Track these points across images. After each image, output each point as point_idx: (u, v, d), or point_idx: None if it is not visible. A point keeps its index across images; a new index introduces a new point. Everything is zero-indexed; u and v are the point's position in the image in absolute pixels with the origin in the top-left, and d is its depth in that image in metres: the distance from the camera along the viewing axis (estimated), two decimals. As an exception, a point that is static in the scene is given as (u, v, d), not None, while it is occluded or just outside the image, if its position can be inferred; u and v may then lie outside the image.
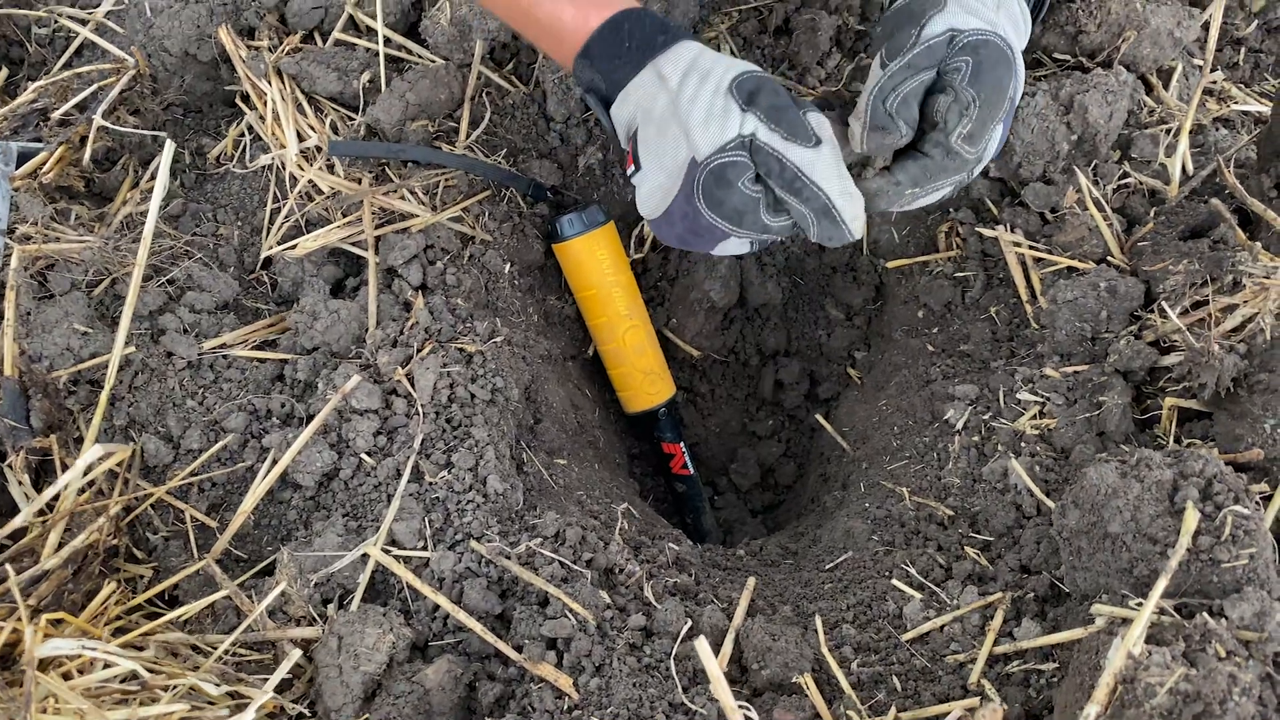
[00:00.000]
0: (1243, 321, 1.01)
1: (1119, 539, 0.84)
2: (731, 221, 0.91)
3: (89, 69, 1.28)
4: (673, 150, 0.92)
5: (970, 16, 0.91)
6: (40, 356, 1.03)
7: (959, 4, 0.92)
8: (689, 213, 0.93)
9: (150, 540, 1.02)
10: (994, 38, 0.90)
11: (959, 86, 0.90)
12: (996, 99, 0.91)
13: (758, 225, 0.91)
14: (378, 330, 1.13)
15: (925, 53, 0.90)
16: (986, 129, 0.92)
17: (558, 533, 1.00)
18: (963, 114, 0.90)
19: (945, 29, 0.90)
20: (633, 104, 0.95)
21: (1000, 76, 0.90)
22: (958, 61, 0.90)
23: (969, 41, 0.90)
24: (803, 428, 1.54)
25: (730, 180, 0.89)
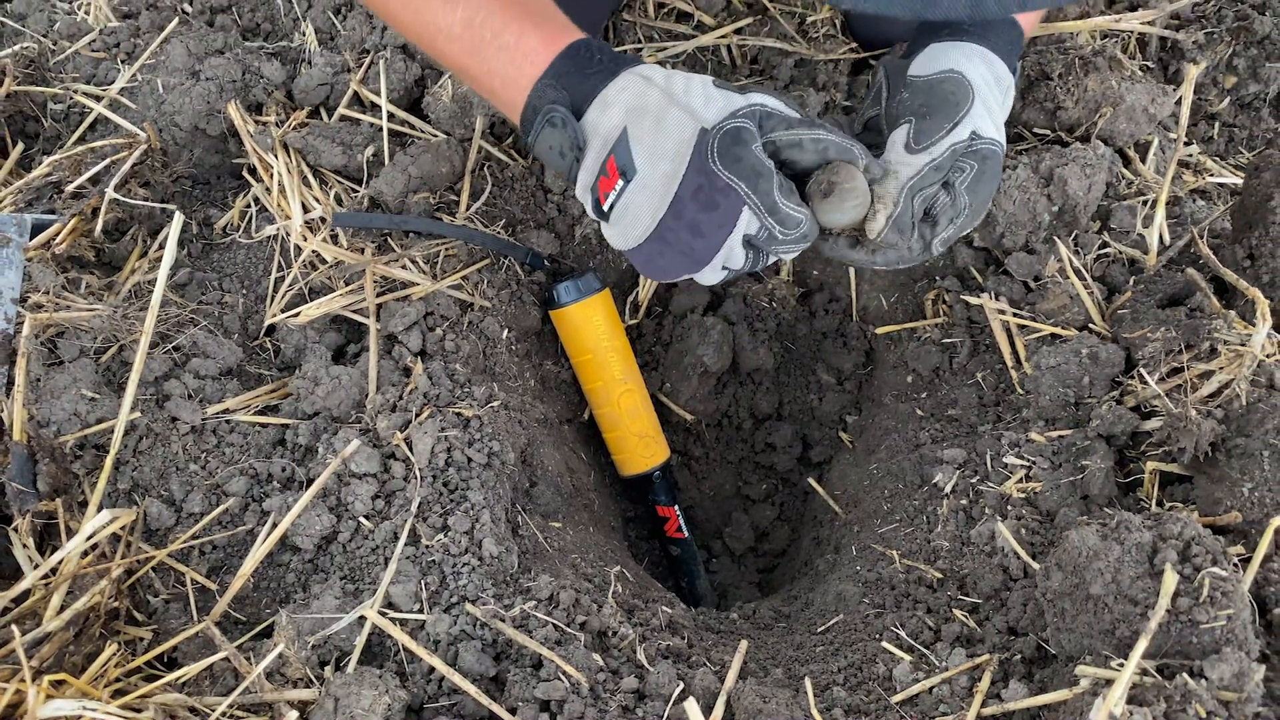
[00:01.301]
0: (1219, 387, 1.04)
1: (1101, 600, 0.86)
2: (748, 183, 0.88)
3: (102, 143, 1.33)
4: (676, 131, 0.90)
5: (988, 120, 0.97)
6: (48, 421, 1.06)
7: (982, 102, 0.97)
8: (702, 185, 0.89)
9: (151, 603, 1.03)
10: (999, 149, 0.96)
11: (958, 188, 0.95)
12: (982, 208, 0.98)
13: (769, 199, 0.88)
14: (377, 395, 1.16)
15: (950, 156, 0.96)
16: (963, 233, 0.99)
17: (552, 595, 1.01)
18: (953, 220, 0.96)
19: (970, 133, 0.96)
20: (618, 107, 0.93)
21: (991, 189, 0.97)
22: (966, 163, 0.95)
23: (981, 149, 0.95)
24: (796, 491, 1.56)
25: (745, 141, 0.88)
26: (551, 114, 0.95)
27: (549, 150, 0.98)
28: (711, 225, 0.90)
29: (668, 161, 0.90)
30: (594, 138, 0.94)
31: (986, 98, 0.98)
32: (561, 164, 0.98)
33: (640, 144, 0.91)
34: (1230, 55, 1.47)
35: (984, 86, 0.99)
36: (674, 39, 1.50)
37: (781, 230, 0.91)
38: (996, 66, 1.02)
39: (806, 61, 1.47)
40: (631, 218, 0.93)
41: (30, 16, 1.51)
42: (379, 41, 1.44)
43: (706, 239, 0.91)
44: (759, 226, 0.91)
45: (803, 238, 0.93)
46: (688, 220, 0.91)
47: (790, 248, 0.94)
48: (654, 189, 0.91)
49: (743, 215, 0.90)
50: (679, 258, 0.94)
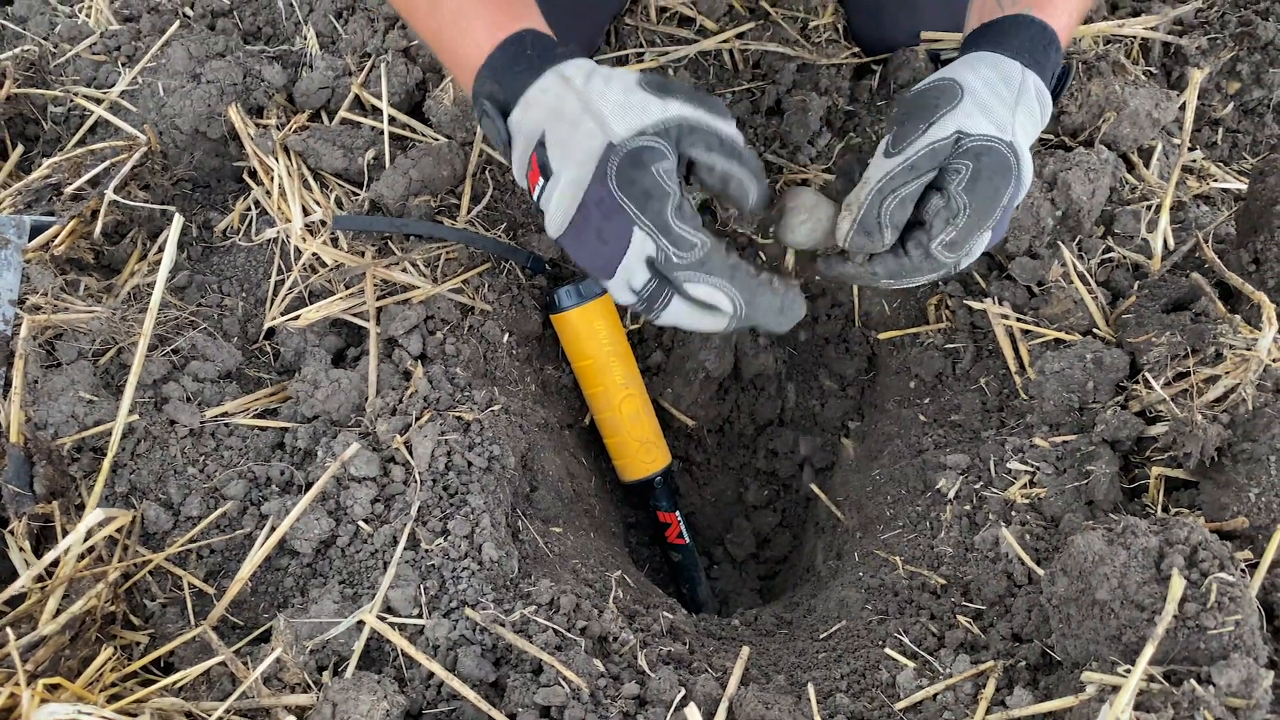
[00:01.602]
0: (1225, 392, 1.03)
1: (1107, 606, 0.85)
2: (638, 204, 0.88)
3: (102, 146, 1.32)
4: (586, 141, 0.90)
5: (982, 118, 0.92)
6: (46, 423, 1.05)
7: (974, 101, 0.93)
8: (602, 198, 0.90)
9: (147, 607, 1.02)
10: (999, 145, 0.91)
11: (953, 191, 0.91)
12: (986, 209, 0.92)
13: (660, 219, 0.88)
14: (377, 399, 1.15)
15: (929, 155, 0.92)
16: (970, 238, 0.93)
17: (552, 600, 1.00)
18: (949, 221, 0.92)
19: (953, 131, 0.91)
20: (539, 108, 0.94)
21: (997, 187, 0.91)
22: (959, 164, 0.91)
23: (972, 147, 0.91)
24: (798, 497, 1.55)
25: (645, 163, 0.88)
26: (483, 108, 0.98)
27: (490, 136, 1.01)
28: (612, 234, 0.91)
29: (576, 168, 0.91)
30: (518, 135, 0.96)
31: (981, 96, 0.94)
32: (500, 151, 1.01)
33: (556, 149, 0.93)
34: (1233, 61, 1.46)
35: (982, 87, 0.95)
36: (675, 43, 1.50)
37: (676, 253, 0.89)
38: (1005, 67, 0.97)
39: (809, 66, 1.47)
40: (551, 213, 0.95)
41: (31, 19, 1.51)
42: (380, 45, 1.43)
43: (610, 246, 0.92)
44: (655, 248, 0.90)
45: (700, 263, 0.90)
46: (594, 226, 0.92)
47: (695, 276, 0.91)
48: (565, 193, 0.93)
49: (635, 235, 0.90)
50: (591, 258, 0.95)
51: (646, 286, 0.93)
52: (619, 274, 0.93)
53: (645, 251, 0.91)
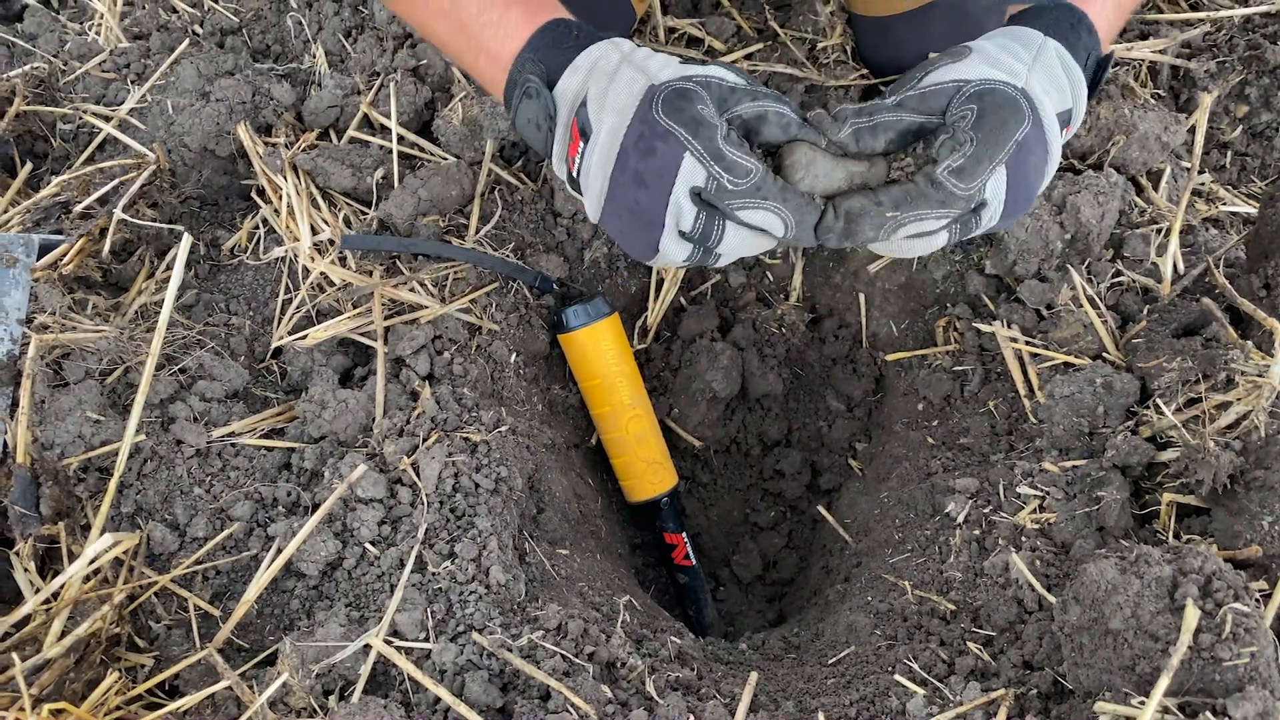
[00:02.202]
0: (1237, 419, 1.02)
1: (1120, 635, 0.85)
2: (688, 130, 0.85)
3: (111, 164, 1.32)
4: (627, 87, 0.89)
5: (986, 68, 0.88)
6: (52, 444, 1.05)
7: (981, 57, 0.90)
8: (644, 133, 0.87)
9: (153, 629, 1.02)
10: (1002, 86, 0.87)
11: (959, 128, 0.87)
12: (996, 139, 0.86)
13: (713, 146, 0.85)
14: (384, 420, 1.15)
15: (918, 98, 0.88)
16: (981, 167, 0.87)
17: (560, 625, 1.00)
18: (954, 149, 0.87)
19: (952, 78, 0.88)
20: (583, 70, 0.93)
21: (1004, 118, 0.86)
22: (963, 110, 0.87)
23: (975, 90, 0.87)
24: (804, 519, 1.54)
25: (690, 98, 0.86)
26: (528, 84, 0.94)
27: (528, 125, 0.97)
28: (652, 173, 0.87)
29: (616, 115, 0.89)
30: (562, 104, 0.94)
31: (989, 52, 0.90)
32: (538, 137, 0.97)
33: (595, 103, 0.90)
34: (1242, 84, 1.46)
35: (992, 47, 0.91)
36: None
37: (730, 179, 0.86)
38: (1022, 34, 0.93)
39: (817, 87, 1.47)
40: (590, 179, 0.92)
41: (41, 37, 1.52)
42: (389, 64, 1.44)
43: (650, 189, 0.88)
44: (705, 175, 0.86)
45: (756, 190, 0.86)
46: (631, 171, 0.88)
47: (750, 202, 0.87)
48: (603, 145, 0.90)
49: (684, 161, 0.86)
50: (631, 219, 0.90)
51: (697, 223, 0.89)
52: (668, 221, 0.89)
53: (694, 180, 0.87)
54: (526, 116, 0.97)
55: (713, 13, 1.55)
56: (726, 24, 1.51)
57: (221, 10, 1.55)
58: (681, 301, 1.54)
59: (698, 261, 0.94)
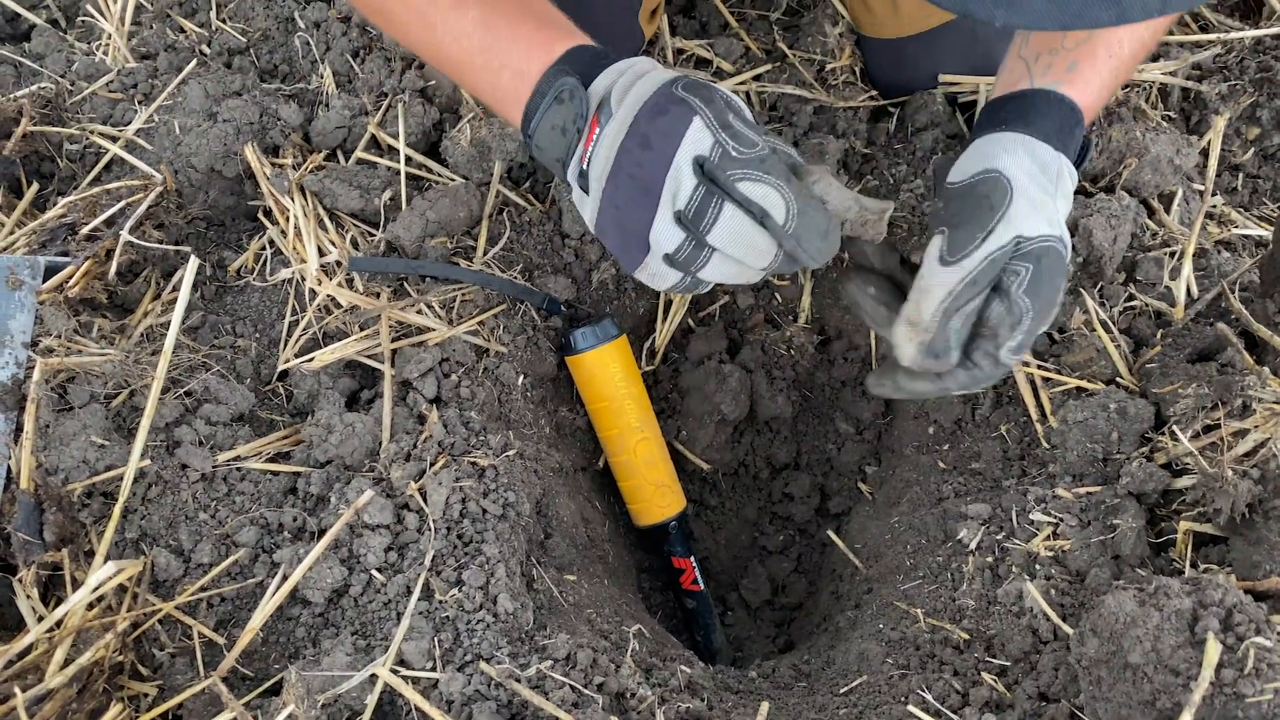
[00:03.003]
0: (1255, 446, 1.01)
1: (1140, 670, 0.83)
2: (701, 98, 0.87)
3: (117, 185, 1.32)
4: (651, 78, 0.91)
5: (1036, 218, 0.91)
6: (56, 469, 1.04)
7: (1026, 200, 0.92)
8: (658, 102, 0.88)
9: (156, 657, 1.00)
10: (1056, 244, 0.91)
11: (1015, 295, 0.90)
12: (1048, 310, 0.92)
13: (723, 116, 0.87)
14: (391, 444, 1.14)
15: (989, 266, 0.91)
16: (1034, 338, 0.93)
17: (568, 655, 0.99)
18: (1014, 327, 0.91)
19: (1012, 237, 0.91)
20: (616, 70, 0.94)
21: (1057, 286, 0.92)
22: (1018, 266, 0.91)
23: (1032, 250, 0.91)
24: (814, 543, 1.53)
25: (709, 88, 0.89)
26: (561, 90, 0.93)
27: (552, 132, 0.95)
28: (659, 135, 0.87)
29: (635, 96, 0.90)
30: (594, 96, 0.94)
31: (1030, 192, 0.93)
32: (560, 144, 0.96)
33: (619, 93, 0.92)
34: (1253, 106, 1.46)
35: (1025, 180, 0.94)
36: (693, 85, 1.49)
37: (735, 147, 0.86)
38: (1040, 153, 0.96)
39: (825, 109, 1.46)
40: (598, 158, 0.92)
41: (48, 57, 1.51)
42: (397, 85, 1.43)
43: (655, 151, 0.87)
44: (711, 143, 0.86)
45: (760, 162, 0.86)
46: (640, 135, 0.88)
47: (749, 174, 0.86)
48: (620, 119, 0.90)
49: (693, 123, 0.86)
50: (631, 186, 0.89)
51: (694, 198, 0.87)
52: (665, 190, 0.87)
53: (699, 148, 0.86)
54: (553, 123, 0.95)
55: (721, 34, 1.55)
56: (735, 45, 1.51)
57: (229, 30, 1.55)
58: (689, 323, 1.53)
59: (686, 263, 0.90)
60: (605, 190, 0.91)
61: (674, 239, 0.89)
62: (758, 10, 1.60)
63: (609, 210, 0.92)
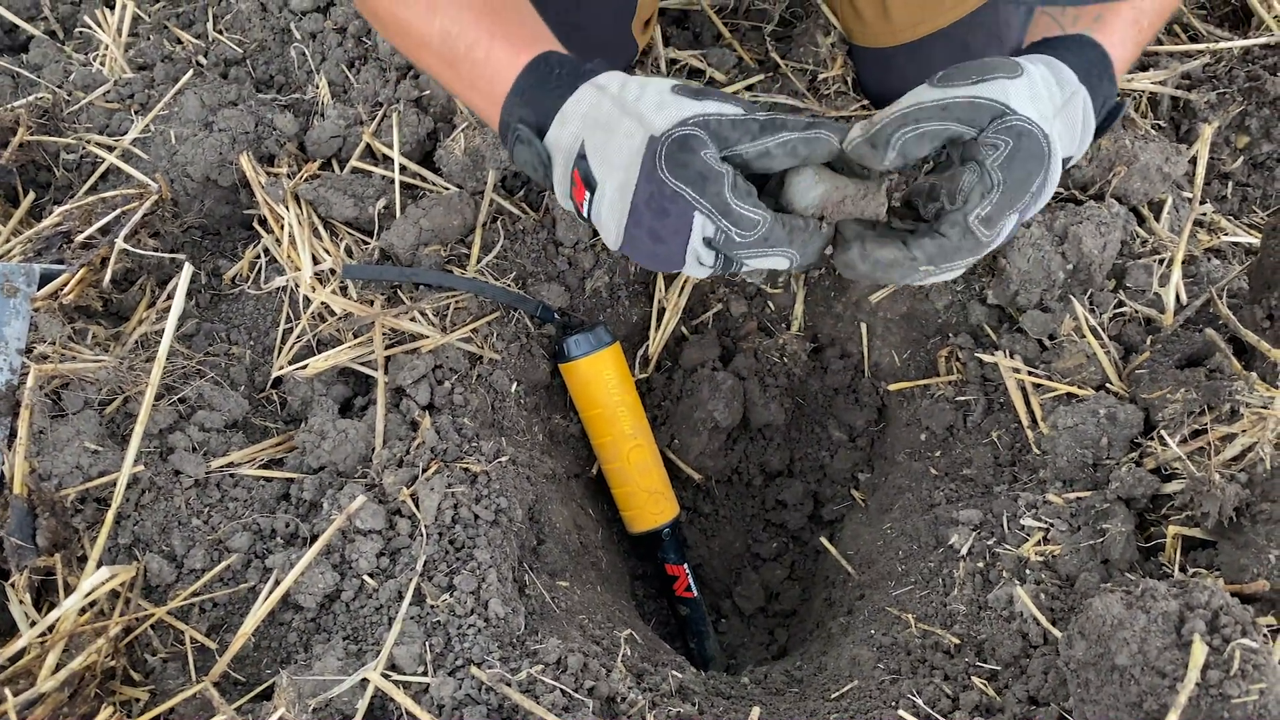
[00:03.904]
0: (1242, 451, 1.02)
1: (1127, 671, 0.84)
2: (695, 188, 0.87)
3: (113, 194, 1.33)
4: (627, 141, 0.90)
5: (1030, 104, 0.90)
6: (50, 475, 1.04)
7: (1029, 84, 0.91)
8: (653, 193, 0.89)
9: (148, 662, 1.00)
10: (1039, 133, 0.89)
11: (989, 166, 0.88)
12: (1019, 189, 0.89)
13: (719, 200, 0.88)
14: (384, 450, 1.14)
15: (969, 106, 0.89)
16: (1003, 215, 0.90)
17: (559, 659, 0.99)
18: (984, 195, 0.89)
19: (1002, 100, 0.89)
20: (575, 121, 0.93)
21: (1030, 170, 0.89)
22: (997, 139, 0.89)
23: (1015, 125, 0.88)
24: (807, 550, 1.53)
25: (693, 148, 0.87)
26: (519, 132, 0.96)
27: (526, 166, 0.99)
28: (668, 232, 0.90)
29: (621, 171, 0.91)
30: (556, 153, 0.95)
31: (1035, 84, 0.91)
32: (538, 175, 0.99)
33: (595, 156, 0.92)
34: (1242, 115, 1.47)
35: (1039, 78, 0.92)
36: (686, 94, 1.50)
37: (738, 232, 0.89)
38: (1062, 73, 0.95)
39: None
40: (603, 227, 0.95)
41: (46, 67, 1.52)
42: (392, 95, 1.44)
43: (667, 245, 0.91)
44: (714, 229, 0.90)
45: (763, 240, 0.90)
46: (646, 228, 0.91)
47: (756, 252, 0.91)
48: (612, 200, 0.92)
49: (695, 220, 0.89)
50: (653, 260, 0.94)
51: (716, 262, 0.93)
52: (688, 261, 0.93)
53: (705, 232, 0.90)
54: (523, 159, 0.99)
55: (714, 44, 1.56)
56: (728, 55, 1.52)
57: (226, 41, 1.56)
58: (683, 331, 1.54)
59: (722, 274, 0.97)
60: (627, 251, 0.95)
61: (706, 272, 0.96)
62: (751, 21, 1.62)
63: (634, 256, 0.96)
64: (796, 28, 1.57)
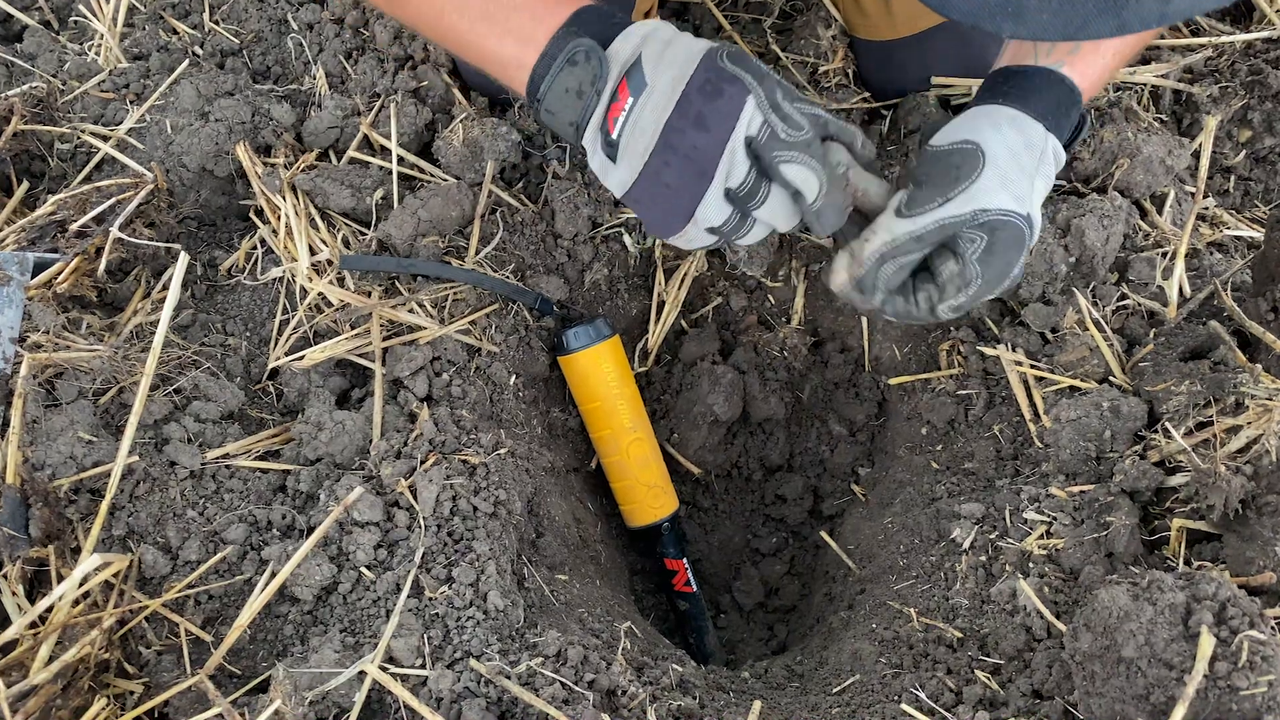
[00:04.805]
0: (1248, 443, 1.01)
1: (1134, 664, 0.83)
2: (755, 75, 0.89)
3: (108, 183, 1.31)
4: (686, 49, 0.92)
5: (1003, 193, 0.92)
6: (43, 464, 1.03)
7: (996, 173, 0.93)
8: (709, 79, 0.90)
9: (143, 654, 0.99)
10: (1015, 219, 0.92)
11: (968, 259, 0.92)
12: (998, 280, 0.94)
13: (774, 96, 0.89)
14: (382, 441, 1.13)
15: (938, 230, 0.92)
16: (976, 301, 0.95)
17: (559, 652, 0.98)
18: (961, 288, 0.93)
19: (970, 210, 0.92)
20: (636, 37, 0.94)
21: (1009, 260, 0.93)
22: (974, 234, 0.92)
23: (989, 221, 0.92)
24: (807, 545, 1.52)
25: (750, 57, 0.91)
26: (575, 52, 0.94)
27: (565, 95, 0.95)
28: (717, 116, 0.90)
29: (677, 67, 0.91)
30: (614, 64, 0.94)
31: (1005, 168, 0.93)
32: (575, 107, 0.95)
33: (652, 61, 0.92)
34: (1244, 109, 1.46)
35: (1006, 156, 0.94)
36: (686, 86, 1.49)
37: (785, 129, 0.89)
38: (1030, 130, 0.97)
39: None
40: (638, 132, 0.92)
41: (40, 56, 1.51)
42: (390, 85, 1.43)
43: (711, 133, 0.90)
44: (761, 122, 0.90)
45: (806, 145, 0.90)
46: (693, 115, 0.90)
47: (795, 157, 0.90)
48: (662, 92, 0.91)
49: (747, 105, 0.89)
50: (683, 166, 0.92)
51: (747, 180, 0.92)
52: (719, 170, 0.91)
53: (750, 129, 0.90)
54: (566, 85, 0.95)
55: (714, 36, 1.55)
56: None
57: (222, 32, 1.55)
58: (683, 324, 1.53)
59: (729, 233, 0.95)
60: (649, 165, 0.93)
61: (722, 215, 0.94)
62: (751, 14, 1.60)
63: (651, 184, 0.94)
64: (797, 20, 1.56)
